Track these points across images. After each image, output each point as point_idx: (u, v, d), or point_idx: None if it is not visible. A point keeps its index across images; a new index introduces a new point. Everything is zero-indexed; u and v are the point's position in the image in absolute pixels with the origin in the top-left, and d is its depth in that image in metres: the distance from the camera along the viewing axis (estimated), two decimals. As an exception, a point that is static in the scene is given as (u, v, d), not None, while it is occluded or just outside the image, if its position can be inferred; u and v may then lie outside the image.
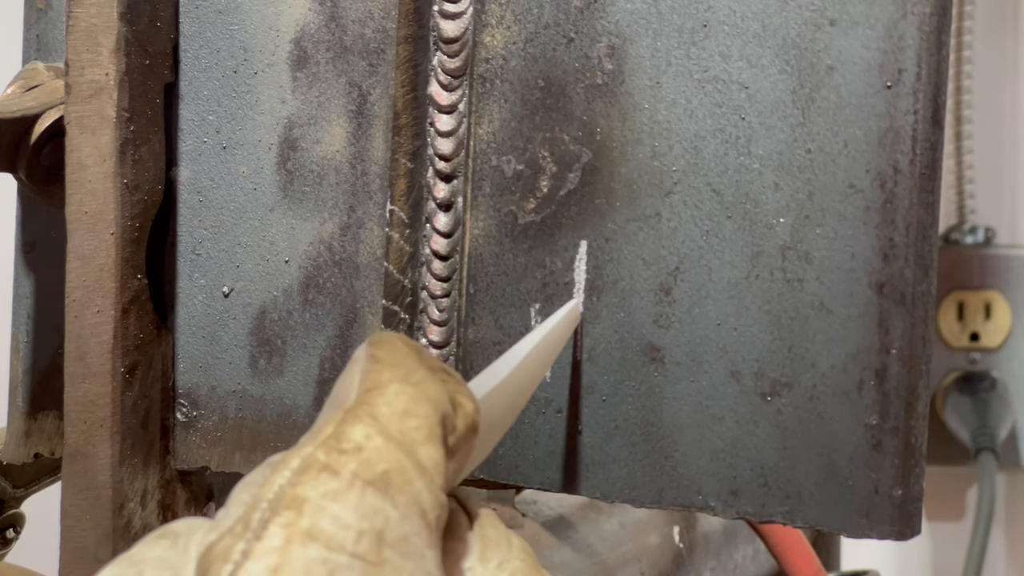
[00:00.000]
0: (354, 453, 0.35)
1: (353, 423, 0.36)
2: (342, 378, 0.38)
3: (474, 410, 0.39)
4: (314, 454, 0.35)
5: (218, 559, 0.34)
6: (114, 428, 0.51)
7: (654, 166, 0.48)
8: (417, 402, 0.37)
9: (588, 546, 0.71)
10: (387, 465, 0.35)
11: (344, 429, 0.36)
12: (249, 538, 0.34)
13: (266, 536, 0.34)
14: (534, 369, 0.46)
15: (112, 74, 0.51)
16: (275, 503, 0.34)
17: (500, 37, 0.50)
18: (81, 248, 0.51)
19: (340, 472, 0.35)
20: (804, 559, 0.72)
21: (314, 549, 0.34)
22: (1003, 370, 1.31)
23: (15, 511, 0.67)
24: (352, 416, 0.36)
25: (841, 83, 0.45)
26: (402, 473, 0.36)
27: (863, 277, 0.45)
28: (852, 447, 0.45)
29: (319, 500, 0.34)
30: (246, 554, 0.34)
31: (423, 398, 0.37)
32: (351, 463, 0.35)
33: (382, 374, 0.37)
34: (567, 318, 0.48)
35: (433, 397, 0.37)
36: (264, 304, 0.53)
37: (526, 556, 0.39)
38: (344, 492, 0.35)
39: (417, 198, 0.51)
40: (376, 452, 0.35)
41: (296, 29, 0.52)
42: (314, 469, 0.35)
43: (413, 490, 0.36)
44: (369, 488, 0.35)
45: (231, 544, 0.34)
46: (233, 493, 0.37)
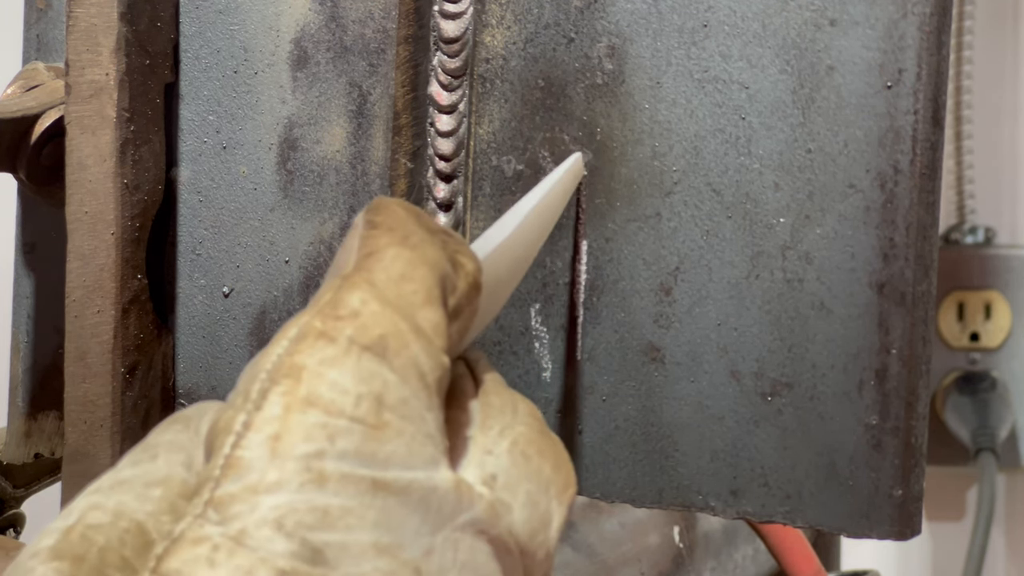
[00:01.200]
0: (350, 319, 0.35)
1: (350, 289, 0.36)
2: (342, 246, 0.38)
3: (476, 269, 0.39)
4: (311, 322, 0.35)
5: (221, 432, 0.34)
6: (114, 428, 0.51)
7: (654, 166, 0.48)
8: (414, 265, 0.37)
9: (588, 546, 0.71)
10: (383, 329, 0.35)
11: (341, 296, 0.36)
12: (249, 409, 0.34)
13: (265, 405, 0.34)
14: (539, 225, 0.45)
15: (112, 74, 0.51)
16: (273, 372, 0.34)
17: (500, 37, 0.50)
18: (81, 248, 0.51)
19: (336, 338, 0.35)
20: (804, 559, 0.72)
21: (313, 415, 0.34)
22: (1003, 370, 1.31)
23: (15, 511, 0.67)
24: (349, 283, 0.36)
25: (841, 83, 0.45)
26: (399, 336, 0.35)
27: (863, 277, 0.45)
28: (852, 447, 0.45)
29: (316, 367, 0.34)
30: (247, 425, 0.34)
31: (420, 260, 0.37)
32: (347, 328, 0.35)
33: (379, 239, 0.37)
34: (570, 172, 0.47)
35: (431, 259, 0.37)
36: (264, 304, 0.53)
37: (531, 420, 0.38)
38: (341, 358, 0.35)
39: (417, 198, 0.51)
40: (372, 317, 0.35)
41: (296, 29, 0.52)
42: (311, 337, 0.35)
43: (411, 353, 0.36)
44: (366, 353, 0.35)
45: (233, 416, 0.34)
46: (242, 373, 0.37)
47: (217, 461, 0.34)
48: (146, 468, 0.36)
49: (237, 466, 0.33)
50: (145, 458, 0.36)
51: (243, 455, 0.33)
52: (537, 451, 0.38)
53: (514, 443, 0.38)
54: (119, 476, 0.36)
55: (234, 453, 0.34)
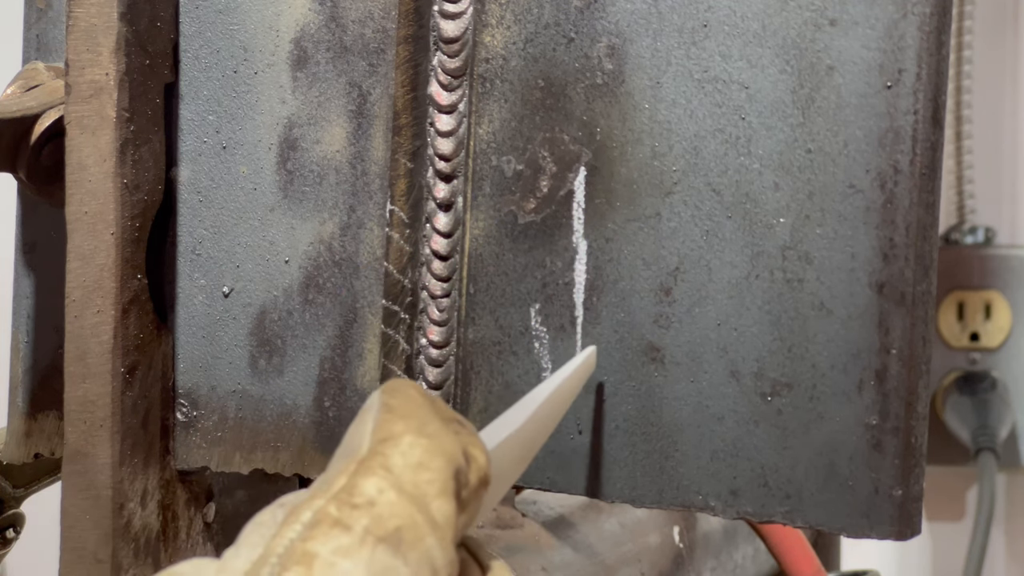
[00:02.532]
0: (366, 508, 0.35)
1: (366, 475, 0.36)
2: (354, 426, 0.38)
3: (487, 463, 0.38)
4: (325, 508, 0.35)
5: None
6: (114, 428, 0.51)
7: (654, 166, 0.48)
8: (431, 455, 0.36)
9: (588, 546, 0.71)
10: (400, 521, 0.35)
11: (357, 481, 0.35)
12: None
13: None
14: (547, 419, 0.46)
15: (112, 74, 0.51)
16: (285, 558, 0.34)
17: (500, 37, 0.50)
18: (81, 248, 0.51)
19: (352, 527, 0.35)
20: (804, 559, 0.72)
21: None
22: (1003, 370, 1.31)
23: (15, 511, 0.67)
24: (365, 468, 0.36)
25: (841, 83, 0.45)
26: (414, 529, 0.35)
27: (863, 277, 0.45)
28: (852, 447, 0.45)
29: (330, 556, 0.34)
30: None
31: (437, 451, 0.37)
32: (363, 518, 0.35)
33: (396, 424, 0.37)
34: (582, 366, 0.48)
35: (447, 450, 0.37)
36: (264, 304, 0.53)
37: None
38: (355, 548, 0.34)
39: (417, 198, 0.51)
40: (389, 507, 0.35)
41: (296, 29, 0.52)
42: (325, 524, 0.35)
43: (425, 547, 0.35)
44: (381, 545, 0.34)
45: None
46: (243, 533, 0.36)
47: None
48: None
49: None
50: None
51: None
52: None
53: None
54: None
55: None
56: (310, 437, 0.53)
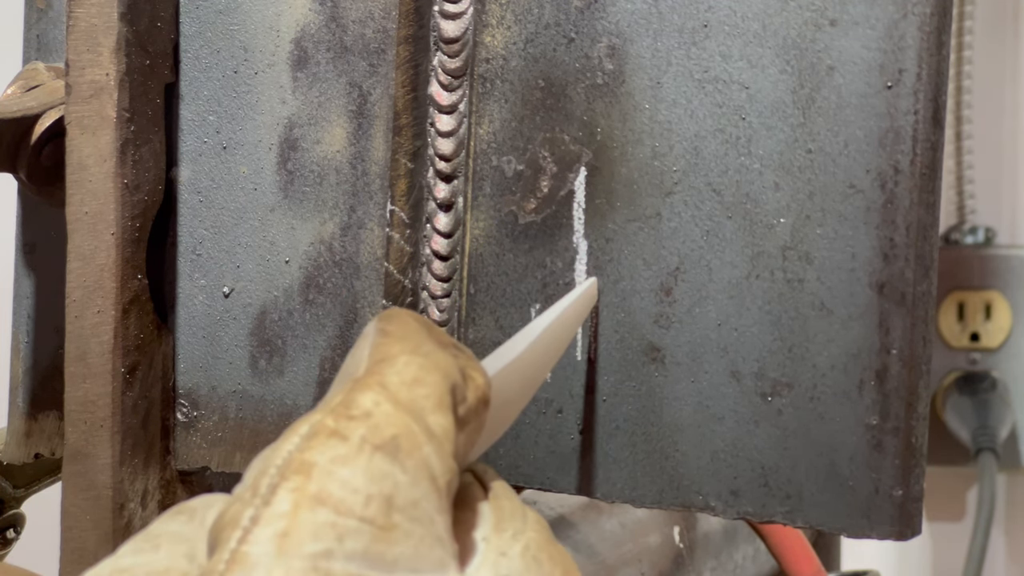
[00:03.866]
0: (363, 419, 0.35)
1: (362, 391, 0.36)
2: (351, 353, 0.38)
3: (485, 383, 0.39)
4: (323, 420, 0.35)
5: (228, 525, 0.34)
6: (114, 428, 0.51)
7: (654, 166, 0.48)
8: (427, 371, 0.37)
9: (588, 546, 0.71)
10: (396, 430, 0.35)
11: (353, 396, 0.36)
12: (258, 504, 0.34)
13: (275, 501, 0.34)
14: (551, 346, 0.45)
15: (112, 74, 0.51)
16: (283, 468, 0.34)
17: (500, 37, 0.50)
18: (81, 248, 0.51)
19: (349, 437, 0.35)
20: (804, 559, 0.72)
21: (322, 513, 0.34)
22: (1003, 370, 1.31)
23: (15, 511, 0.67)
24: (361, 384, 0.36)
25: (841, 83, 0.45)
26: (411, 438, 0.36)
27: (863, 277, 0.45)
28: (852, 447, 0.45)
29: (327, 465, 0.34)
30: (255, 519, 0.34)
31: (433, 367, 0.37)
32: (360, 428, 0.35)
33: (392, 346, 0.37)
34: (584, 295, 0.47)
35: (443, 367, 0.37)
36: (264, 304, 0.53)
37: (541, 528, 0.39)
38: (353, 457, 0.35)
39: (417, 198, 0.51)
40: (385, 417, 0.36)
41: (296, 29, 0.52)
42: (323, 434, 0.35)
43: (422, 455, 0.36)
44: (378, 453, 0.35)
45: (240, 510, 0.34)
46: (250, 467, 0.37)
47: (222, 555, 0.33)
48: (148, 558, 0.36)
49: (243, 562, 0.33)
50: (147, 547, 0.36)
51: (249, 551, 0.33)
52: (548, 556, 0.38)
53: (526, 547, 0.38)
54: (119, 564, 0.36)
55: (240, 548, 0.33)
56: (310, 437, 0.53)
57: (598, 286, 0.48)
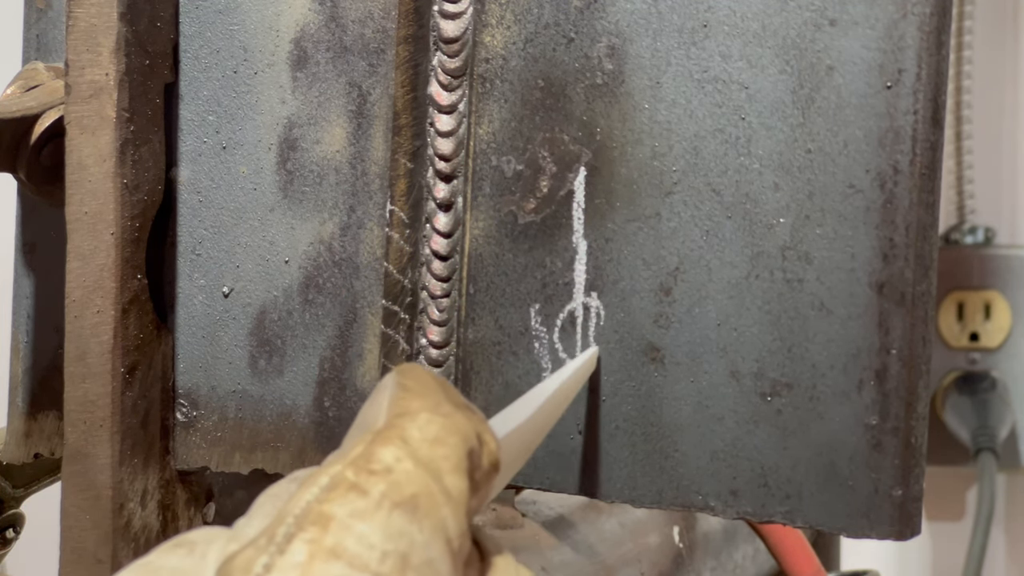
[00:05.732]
0: (384, 474, 0.35)
1: (384, 444, 0.36)
2: (368, 403, 0.38)
3: (497, 449, 0.39)
4: (343, 472, 0.35)
5: (239, 570, 0.34)
6: (114, 428, 0.51)
7: (654, 166, 0.48)
8: (447, 431, 0.37)
9: (588, 546, 0.71)
10: (416, 489, 0.35)
11: (374, 450, 0.36)
12: (272, 552, 0.34)
13: (290, 551, 0.34)
14: (547, 417, 0.46)
15: (112, 74, 0.51)
16: (301, 519, 0.34)
17: (500, 37, 0.50)
18: (81, 248, 0.51)
19: (369, 492, 0.35)
20: (804, 559, 0.72)
21: (337, 567, 0.33)
22: (1003, 370, 1.31)
23: (15, 511, 0.67)
24: (382, 438, 0.36)
25: (841, 83, 0.45)
26: (430, 498, 0.35)
27: (863, 277, 0.45)
28: (852, 447, 0.45)
29: (346, 518, 0.34)
30: (268, 567, 0.33)
31: (453, 429, 0.37)
32: (380, 484, 0.35)
33: (412, 402, 0.37)
34: (585, 365, 0.48)
35: (462, 430, 0.37)
36: (264, 304, 0.53)
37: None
38: (372, 512, 0.34)
39: (417, 198, 0.51)
40: (406, 475, 0.35)
41: (296, 29, 0.52)
42: (342, 487, 0.35)
43: (440, 516, 0.35)
44: (397, 510, 0.35)
45: (253, 556, 0.34)
46: (256, 503, 0.36)
47: None
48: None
49: None
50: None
51: None
52: None
53: None
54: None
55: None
56: (310, 437, 0.53)
57: (595, 285, 0.48)
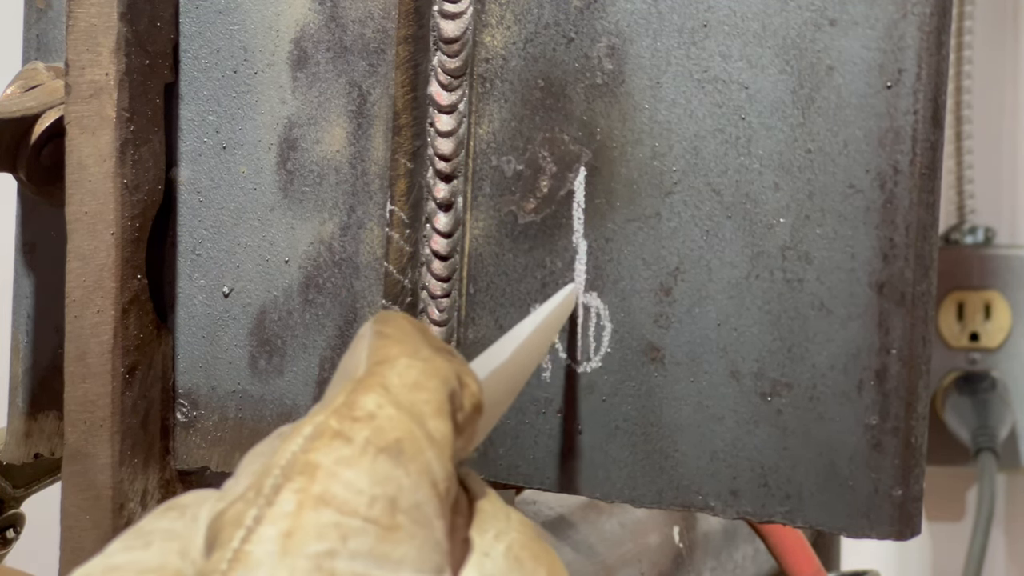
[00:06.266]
0: (366, 420, 0.35)
1: (365, 392, 0.36)
2: (348, 354, 0.39)
3: (479, 390, 0.39)
4: (326, 421, 0.35)
5: (230, 524, 0.34)
6: (114, 428, 0.51)
7: (654, 166, 0.48)
8: (427, 376, 0.37)
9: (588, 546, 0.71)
10: (399, 433, 0.35)
11: (356, 398, 0.36)
12: (261, 504, 0.34)
13: (279, 501, 0.34)
14: (532, 353, 0.46)
15: (112, 74, 0.51)
16: (288, 469, 0.34)
17: (500, 37, 0.50)
18: (81, 248, 0.51)
19: (353, 439, 0.35)
20: (804, 559, 0.72)
21: (327, 513, 0.34)
22: (1003, 370, 1.31)
23: (15, 511, 0.67)
24: (363, 386, 0.36)
25: (841, 83, 0.45)
26: (414, 442, 0.36)
27: (863, 277, 0.45)
28: (852, 447, 0.45)
29: (332, 466, 0.34)
30: (258, 519, 0.34)
31: (432, 372, 0.37)
32: (364, 430, 0.35)
33: (390, 348, 0.38)
34: (563, 302, 0.48)
35: (442, 373, 0.38)
36: (264, 304, 0.53)
37: (524, 528, 0.39)
38: (357, 458, 0.35)
39: (417, 198, 0.51)
40: (388, 420, 0.36)
41: (296, 29, 0.52)
42: (327, 436, 0.35)
43: (425, 459, 0.36)
44: (382, 455, 0.35)
45: (243, 509, 0.34)
46: (242, 463, 0.37)
47: (224, 554, 0.33)
48: (139, 555, 0.36)
49: (246, 561, 0.33)
50: (138, 544, 0.36)
51: (253, 550, 0.33)
52: (531, 555, 0.38)
53: (509, 547, 0.38)
54: (110, 562, 0.35)
55: (243, 548, 0.33)
56: (310, 437, 0.53)
57: (595, 285, 0.48)
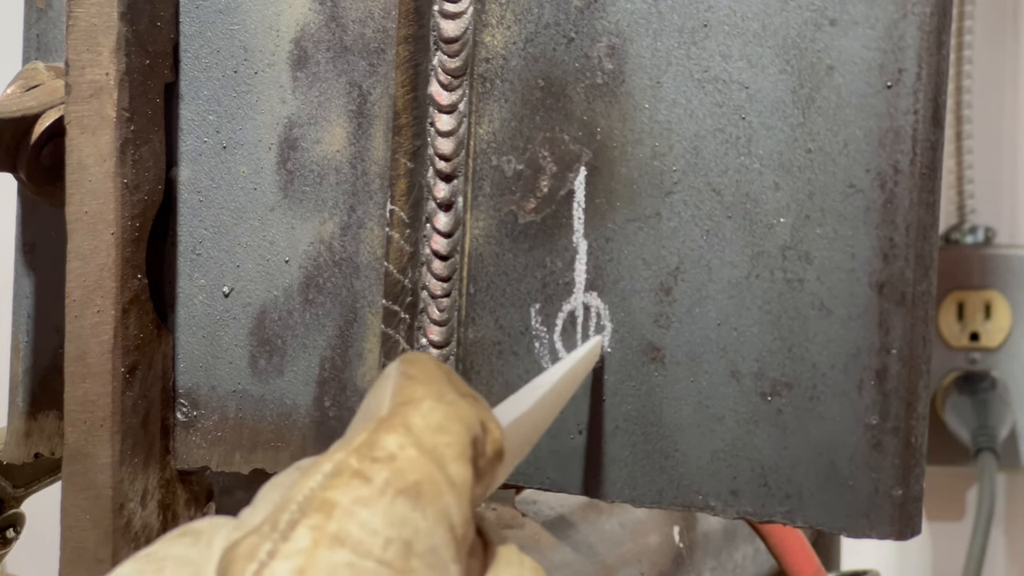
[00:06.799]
0: (387, 461, 0.35)
1: (387, 432, 0.36)
2: (372, 392, 0.38)
3: (501, 437, 0.39)
4: (347, 460, 0.35)
5: (242, 557, 0.34)
6: (114, 428, 0.51)
7: (654, 166, 0.48)
8: (450, 420, 0.37)
9: (588, 546, 0.71)
10: (419, 476, 0.35)
11: (378, 437, 0.36)
12: (276, 538, 0.34)
13: (293, 537, 0.34)
14: (553, 403, 0.46)
15: (112, 74, 0.51)
16: (304, 505, 0.34)
17: (500, 37, 0.50)
18: (81, 248, 0.51)
19: (372, 479, 0.35)
20: (804, 559, 0.72)
21: (341, 553, 0.34)
22: (1003, 370, 1.31)
23: (15, 511, 0.67)
24: (386, 425, 0.36)
25: (841, 83, 0.45)
26: (433, 485, 0.36)
27: (863, 277, 0.45)
28: (852, 447, 0.45)
29: (349, 505, 0.34)
30: (272, 554, 0.34)
31: (456, 416, 0.37)
32: (383, 471, 0.35)
33: (416, 390, 0.37)
34: (589, 354, 0.48)
35: (466, 417, 0.37)
36: (264, 304, 0.53)
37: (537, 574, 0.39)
38: (375, 499, 0.35)
39: (417, 198, 0.51)
40: (409, 462, 0.35)
41: (296, 29, 0.52)
42: (346, 474, 0.35)
43: (443, 503, 0.36)
44: (400, 497, 0.35)
45: (257, 543, 0.34)
46: (260, 493, 0.37)
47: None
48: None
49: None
50: (150, 570, 0.36)
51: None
52: None
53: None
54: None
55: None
56: (310, 437, 0.53)
57: (595, 285, 0.48)
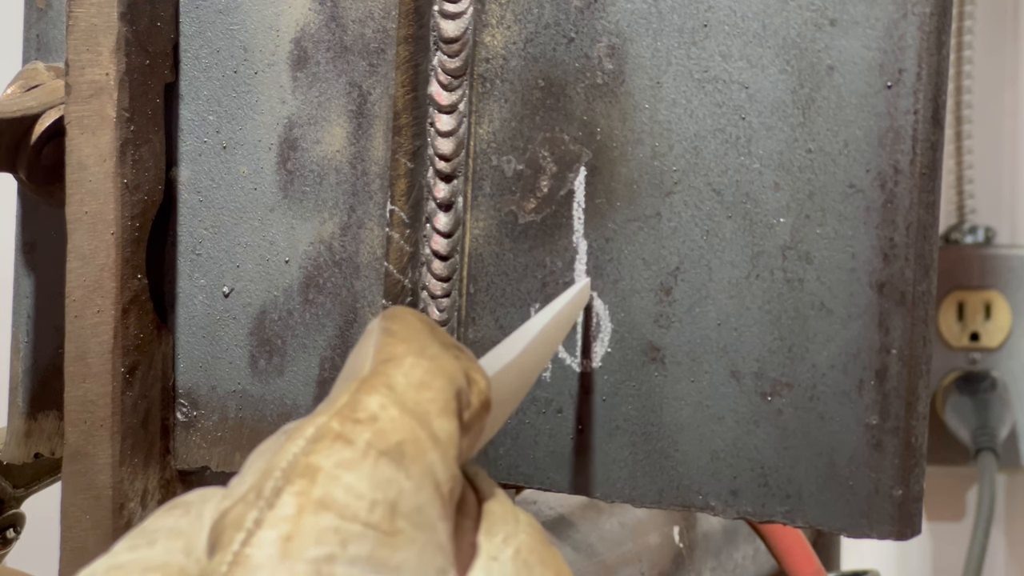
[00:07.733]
0: (369, 423, 0.35)
1: (368, 392, 0.36)
2: (355, 351, 0.38)
3: (487, 387, 0.39)
4: (328, 423, 0.35)
5: (230, 526, 0.34)
6: (114, 428, 0.51)
7: (654, 166, 0.48)
8: (433, 375, 0.37)
9: (588, 546, 0.71)
10: (401, 436, 0.35)
11: (359, 398, 0.36)
12: (262, 506, 0.34)
13: (279, 504, 0.34)
14: (543, 349, 0.46)
15: (112, 74, 0.51)
16: (288, 472, 0.34)
17: (500, 37, 0.50)
18: (81, 248, 0.51)
19: (354, 441, 0.35)
20: (804, 559, 0.72)
21: (327, 518, 0.34)
22: (1003, 370, 1.31)
23: (15, 511, 0.67)
24: (367, 386, 0.36)
25: (841, 83, 0.45)
26: (416, 444, 0.35)
27: (863, 277, 0.45)
28: (852, 447, 0.45)
29: (332, 469, 0.34)
30: (258, 522, 0.34)
31: (438, 371, 0.37)
32: (365, 433, 0.35)
33: (397, 347, 0.37)
34: (577, 298, 0.48)
35: (448, 371, 0.37)
36: (264, 304, 0.53)
37: (533, 531, 0.38)
38: (358, 461, 0.35)
39: (417, 198, 0.51)
40: (391, 422, 0.35)
41: (296, 29, 0.52)
42: (328, 438, 0.35)
43: (427, 461, 0.35)
44: (383, 458, 0.35)
45: (244, 512, 0.34)
46: (248, 461, 0.36)
47: (225, 557, 0.33)
48: (144, 554, 0.36)
49: (245, 564, 0.33)
50: (143, 543, 0.36)
51: (252, 553, 0.33)
52: (539, 560, 0.38)
53: (517, 551, 0.37)
54: (115, 561, 0.36)
55: (243, 551, 0.33)
56: (310, 437, 0.53)
57: (595, 285, 0.48)
